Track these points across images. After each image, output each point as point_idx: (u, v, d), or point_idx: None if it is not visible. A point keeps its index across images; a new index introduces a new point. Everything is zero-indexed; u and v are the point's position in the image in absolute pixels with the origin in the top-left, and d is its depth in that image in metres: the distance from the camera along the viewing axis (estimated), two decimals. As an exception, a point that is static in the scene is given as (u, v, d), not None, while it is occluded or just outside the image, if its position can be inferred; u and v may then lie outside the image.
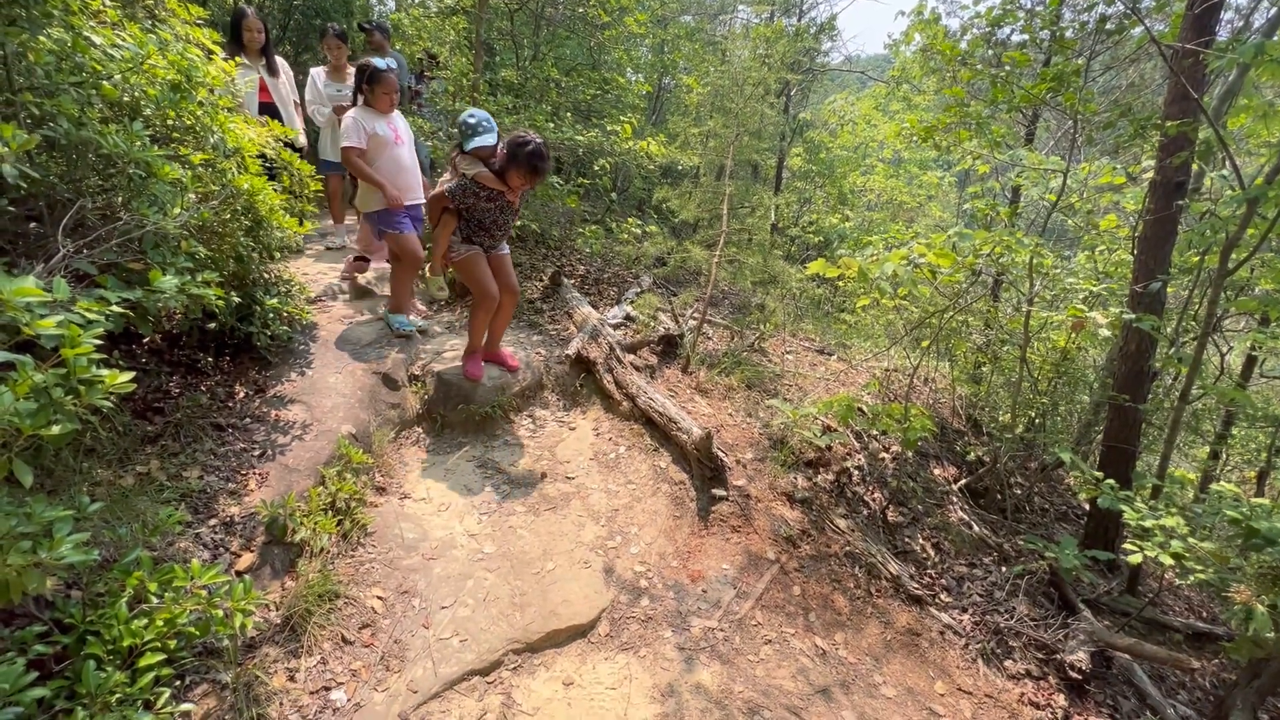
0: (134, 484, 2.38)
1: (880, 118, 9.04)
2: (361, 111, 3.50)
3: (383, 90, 3.50)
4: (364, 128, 3.45)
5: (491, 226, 3.25)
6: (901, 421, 3.08)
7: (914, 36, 5.47)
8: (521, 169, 3.00)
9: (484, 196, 3.12)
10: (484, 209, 3.17)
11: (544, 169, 3.02)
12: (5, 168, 1.55)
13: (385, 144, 3.54)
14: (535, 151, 2.97)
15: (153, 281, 2.01)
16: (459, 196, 3.12)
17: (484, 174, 3.07)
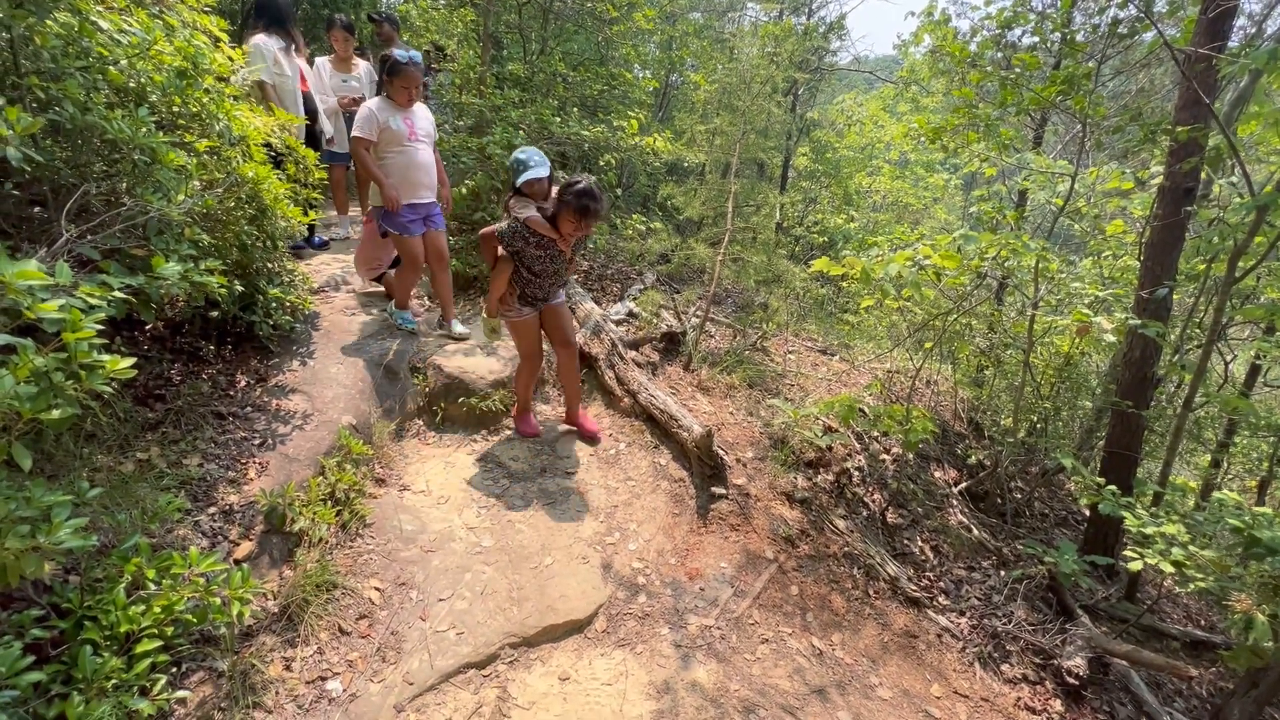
0: (134, 470, 2.38)
1: (888, 119, 9.01)
2: (380, 103, 3.39)
3: (401, 83, 3.36)
4: (377, 120, 3.35)
5: (542, 274, 3.00)
6: (903, 423, 3.07)
7: (923, 38, 5.45)
8: (571, 212, 2.72)
9: (533, 242, 2.87)
10: (533, 256, 2.92)
11: (595, 210, 2.71)
12: (10, 150, 1.54)
13: (398, 138, 3.42)
14: (585, 190, 2.68)
15: (155, 268, 2.01)
16: (509, 240, 2.89)
17: (535, 218, 2.82)
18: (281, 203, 3.00)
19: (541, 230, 2.83)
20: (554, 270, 3.03)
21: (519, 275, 3.02)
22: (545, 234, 2.84)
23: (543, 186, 2.92)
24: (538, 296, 3.11)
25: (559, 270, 3.06)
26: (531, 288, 3.06)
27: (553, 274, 3.04)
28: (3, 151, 1.54)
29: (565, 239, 2.88)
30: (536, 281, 3.04)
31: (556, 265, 3.01)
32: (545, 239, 2.87)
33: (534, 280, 3.03)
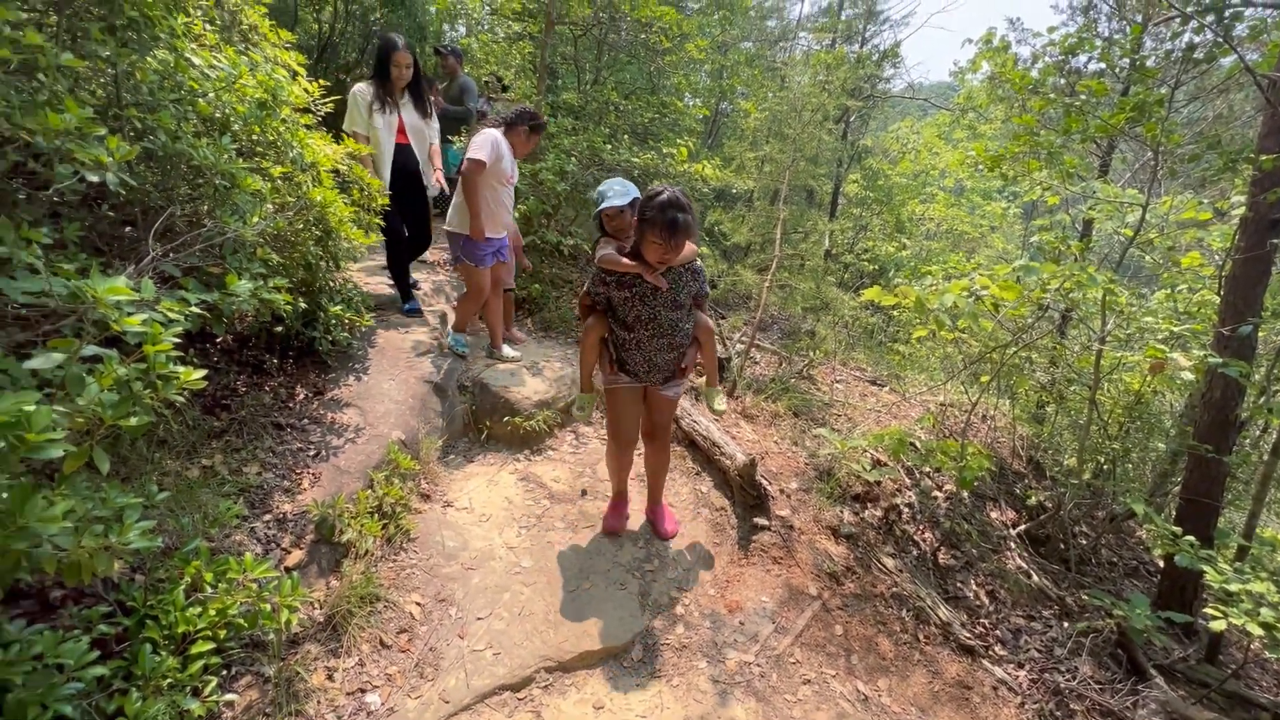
0: (199, 476, 2.50)
1: (943, 145, 8.84)
2: (503, 140, 3.46)
3: (534, 139, 3.57)
4: (497, 150, 3.39)
5: (636, 325, 2.39)
6: (957, 459, 2.94)
7: (981, 64, 5.34)
8: (655, 231, 2.13)
9: (613, 283, 2.37)
10: (620, 300, 2.38)
11: (683, 224, 2.13)
12: (109, 176, 1.67)
13: (501, 176, 3.50)
14: (669, 201, 2.12)
15: (229, 285, 2.13)
16: (591, 291, 2.47)
17: (608, 255, 2.33)
18: (345, 225, 3.15)
19: (618, 267, 2.31)
20: (653, 318, 2.38)
21: (615, 334, 2.51)
22: (625, 269, 2.31)
23: (624, 219, 2.47)
24: (640, 366, 2.50)
25: (660, 318, 2.38)
26: (630, 352, 2.48)
27: (653, 322, 2.39)
28: (102, 177, 1.67)
29: (651, 269, 2.28)
30: (633, 339, 2.44)
31: (655, 310, 2.36)
32: (629, 277, 2.34)
33: (630, 338, 2.44)
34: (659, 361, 2.49)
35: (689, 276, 2.42)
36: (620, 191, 2.47)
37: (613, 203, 2.44)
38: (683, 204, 2.16)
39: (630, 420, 2.64)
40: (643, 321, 2.40)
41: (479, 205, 3.40)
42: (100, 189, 1.96)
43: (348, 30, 8.46)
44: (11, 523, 1.19)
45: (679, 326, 2.44)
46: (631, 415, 2.63)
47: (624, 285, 2.37)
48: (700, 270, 2.47)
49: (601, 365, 2.59)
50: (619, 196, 2.45)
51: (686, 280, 2.41)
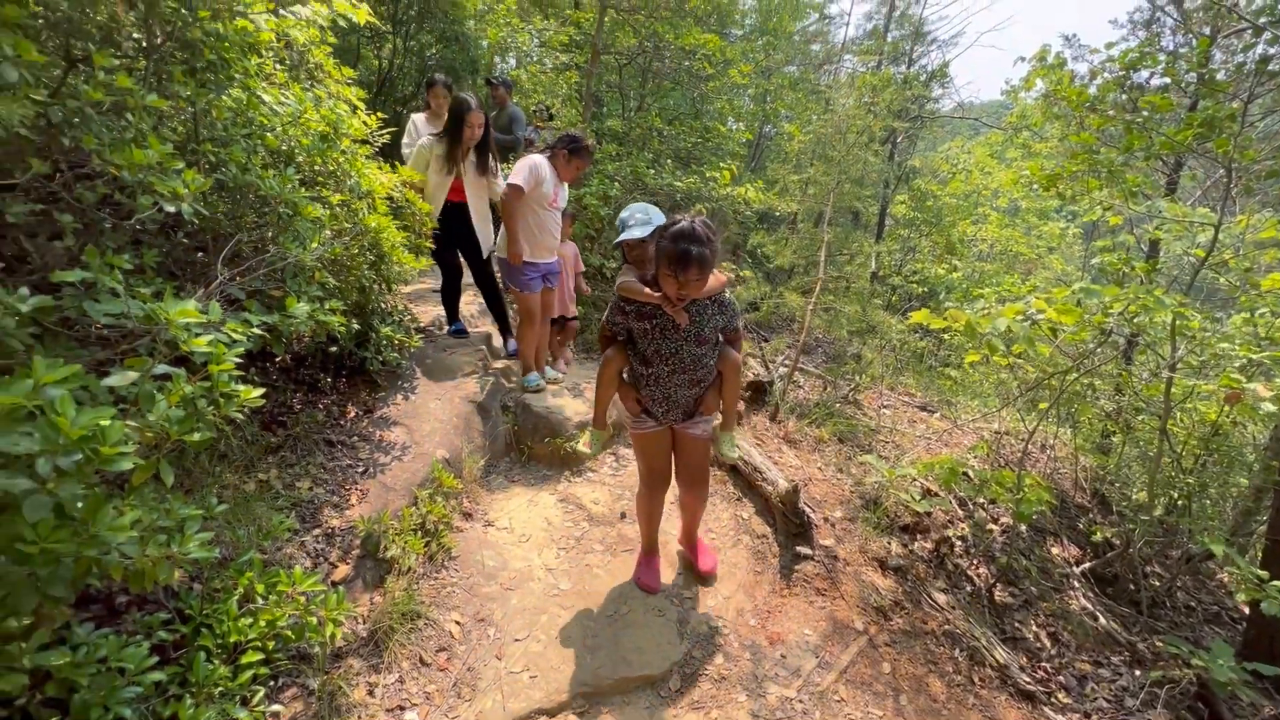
0: (255, 489, 2.61)
1: (995, 165, 8.59)
2: (544, 164, 3.47)
3: (577, 163, 3.53)
4: (536, 175, 3.41)
5: (656, 360, 2.24)
6: (1014, 491, 2.80)
7: (1035, 82, 5.20)
8: (667, 263, 1.99)
9: (632, 313, 2.23)
10: (640, 332, 2.25)
11: (696, 256, 1.95)
12: (184, 207, 1.79)
13: (542, 200, 3.52)
14: (683, 232, 1.97)
15: (289, 307, 2.23)
16: (610, 320, 2.32)
17: (627, 283, 2.21)
18: (397, 250, 3.27)
19: (638, 296, 2.17)
20: (673, 353, 2.22)
21: (634, 371, 2.36)
22: (645, 299, 2.17)
23: (645, 249, 2.28)
24: (659, 404, 2.35)
25: (682, 353, 2.22)
26: (649, 388, 2.33)
27: (673, 357, 2.23)
28: (178, 207, 1.79)
29: (671, 301, 2.11)
30: (652, 374, 2.29)
31: (676, 345, 2.21)
32: (649, 308, 2.20)
33: (649, 373, 2.29)
34: (679, 398, 2.34)
35: (715, 310, 2.24)
36: (642, 221, 2.28)
37: (632, 234, 2.25)
38: (698, 235, 1.97)
39: (659, 463, 2.51)
40: (663, 356, 2.24)
41: (517, 230, 3.48)
42: (176, 218, 2.10)
43: (405, 65, 8.90)
44: (84, 531, 1.26)
45: (702, 362, 2.28)
46: (660, 459, 2.50)
47: (644, 316, 2.22)
48: (729, 303, 2.30)
49: (626, 404, 2.43)
50: (640, 226, 2.26)
51: (712, 314, 2.23)
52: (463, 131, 3.69)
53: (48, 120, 1.76)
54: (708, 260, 1.99)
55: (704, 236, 1.99)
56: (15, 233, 1.98)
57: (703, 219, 2.03)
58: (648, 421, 2.42)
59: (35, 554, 1.18)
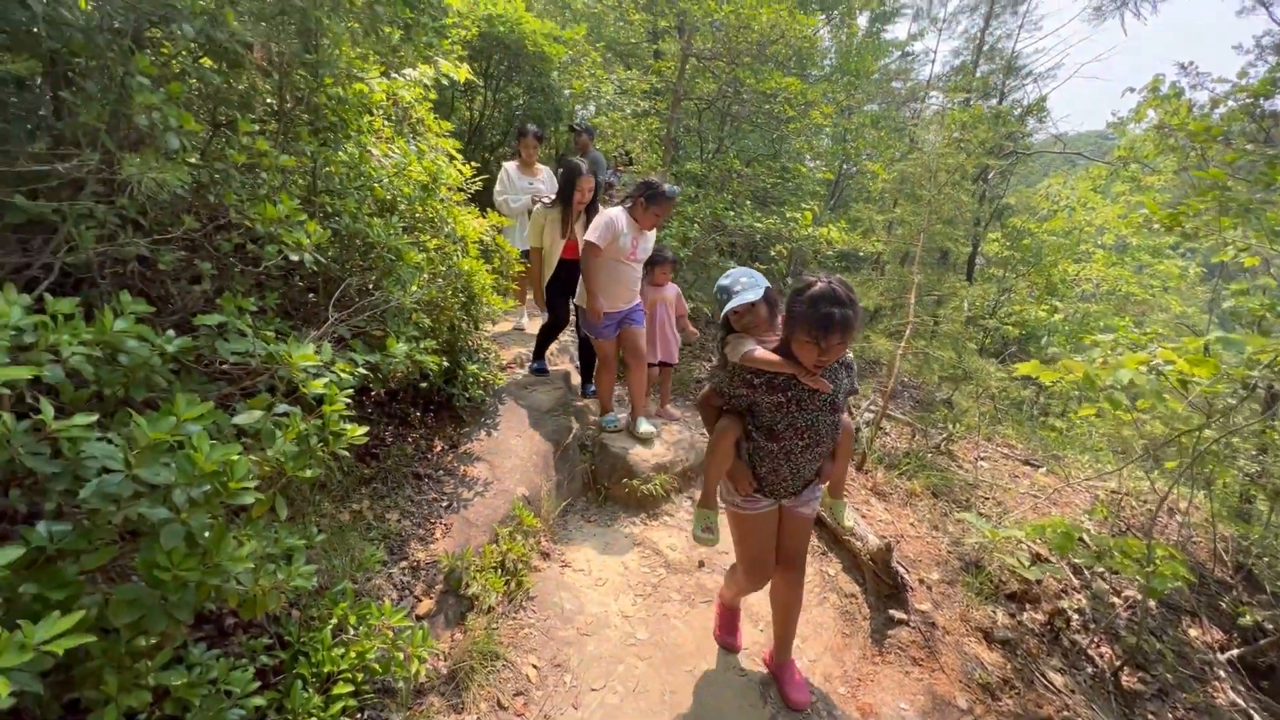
0: (349, 520, 2.72)
1: (1099, 199, 8.03)
2: (622, 216, 3.46)
3: (656, 210, 3.45)
4: (613, 231, 3.43)
5: (788, 434, 2.01)
6: (1142, 562, 2.50)
7: (1146, 113, 4.86)
8: (806, 330, 1.80)
9: (762, 385, 1.99)
10: (770, 405, 2.00)
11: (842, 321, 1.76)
12: (306, 256, 1.94)
13: (620, 254, 3.52)
14: (824, 294, 1.78)
15: (389, 348, 2.36)
16: (725, 389, 2.09)
17: (756, 353, 1.97)
18: (487, 291, 3.41)
19: (771, 366, 1.95)
20: (809, 426, 2.00)
21: (755, 444, 2.08)
22: (779, 370, 1.95)
23: (757, 315, 2.09)
24: (783, 481, 2.10)
25: (818, 427, 2.01)
26: (774, 464, 2.07)
27: (807, 433, 2.00)
28: (301, 256, 1.94)
29: (808, 370, 1.89)
30: (780, 449, 2.04)
31: (813, 417, 1.99)
32: (781, 378, 1.97)
33: (775, 448, 2.04)
34: (806, 474, 2.11)
35: (843, 371, 2.06)
36: (750, 284, 2.07)
37: (744, 298, 2.02)
38: (839, 297, 1.77)
39: (769, 550, 2.22)
40: (797, 429, 2.00)
41: (595, 285, 3.51)
42: (296, 264, 2.28)
43: (494, 115, 9.48)
44: (209, 559, 1.34)
45: (834, 432, 2.08)
46: (770, 544, 2.22)
47: (776, 388, 1.97)
48: (852, 362, 2.13)
49: (738, 484, 2.14)
50: (749, 290, 2.04)
51: (842, 377, 2.05)
52: (574, 196, 3.89)
53: (197, 180, 1.97)
54: (851, 324, 1.79)
55: (846, 298, 1.79)
56: (163, 278, 2.20)
57: (839, 279, 1.84)
58: (760, 501, 2.14)
59: (168, 580, 1.26)
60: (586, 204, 3.94)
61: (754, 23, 4.71)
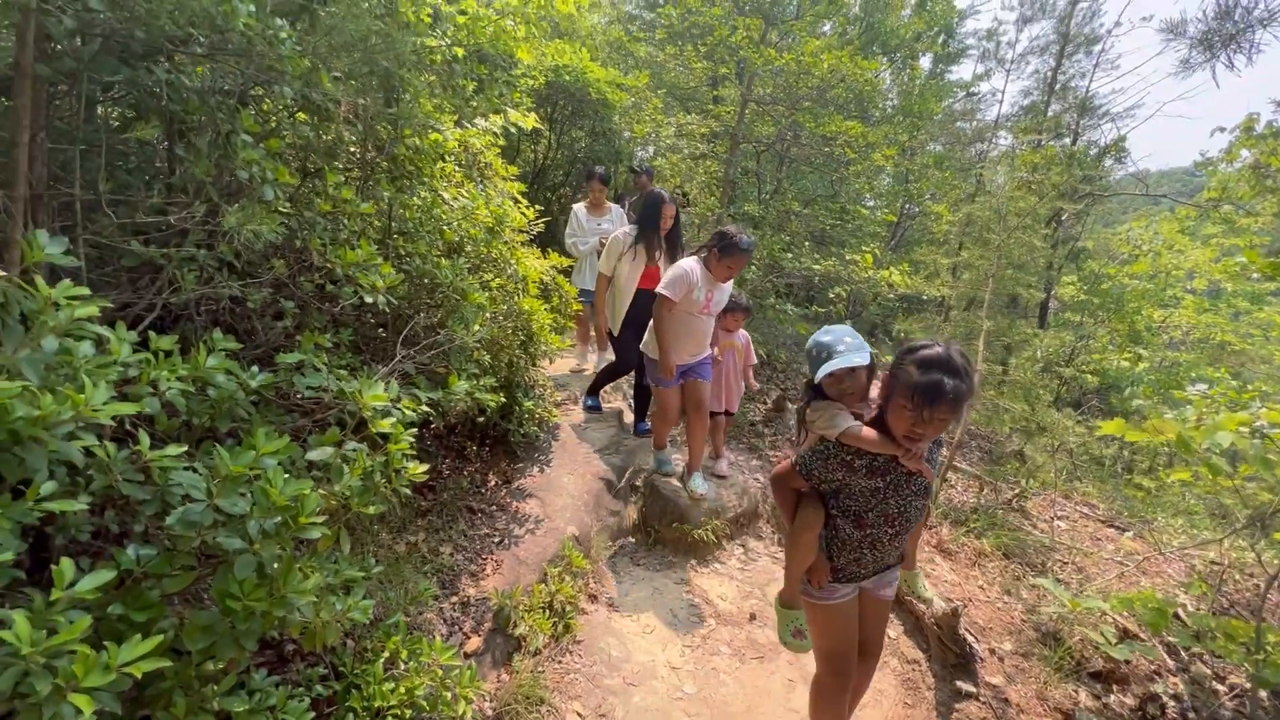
0: (404, 550, 2.79)
1: (1186, 242, 7.53)
2: (695, 268, 3.27)
3: (729, 263, 3.23)
4: (686, 284, 3.24)
5: (879, 522, 1.76)
6: (1250, 647, 2.24)
7: (1240, 153, 4.58)
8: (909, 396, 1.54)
9: (862, 468, 1.70)
10: (864, 489, 1.74)
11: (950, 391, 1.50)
12: (380, 299, 2.05)
13: (693, 307, 3.31)
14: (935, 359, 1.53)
15: (451, 385, 2.43)
16: (815, 470, 1.78)
17: (855, 430, 1.69)
18: (545, 330, 3.49)
19: (874, 447, 1.67)
20: (900, 512, 1.76)
21: (836, 531, 1.83)
22: (886, 451, 1.66)
23: (858, 381, 1.82)
24: (865, 568, 1.87)
25: (909, 513, 1.78)
26: (858, 552, 1.83)
27: (899, 519, 1.77)
28: (375, 299, 2.05)
29: (911, 450, 1.63)
30: (867, 538, 1.79)
31: (906, 501, 1.76)
32: (881, 460, 1.69)
33: (861, 536, 1.79)
34: (889, 559, 1.91)
35: (934, 446, 1.82)
36: (854, 346, 1.80)
37: (848, 360, 1.75)
38: (956, 367, 1.52)
39: (853, 641, 1.95)
40: (888, 517, 1.75)
41: (667, 340, 3.34)
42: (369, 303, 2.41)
43: (557, 157, 9.87)
44: (277, 590, 1.39)
45: (921, 515, 1.86)
46: (854, 634, 1.95)
47: (876, 472, 1.70)
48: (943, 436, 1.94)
49: (813, 574, 1.89)
50: (855, 352, 1.77)
51: (934, 453, 1.82)
52: (659, 222, 3.85)
53: (287, 226, 2.13)
54: (963, 398, 1.54)
55: (962, 368, 1.54)
56: (250, 314, 2.36)
57: (958, 346, 1.59)
58: (839, 590, 1.89)
59: (239, 609, 1.31)
60: (668, 231, 3.90)
61: (815, 69, 4.76)
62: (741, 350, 4.05)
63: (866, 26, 8.96)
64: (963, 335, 4.05)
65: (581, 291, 4.86)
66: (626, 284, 3.97)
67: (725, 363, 3.94)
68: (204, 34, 1.83)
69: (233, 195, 2.09)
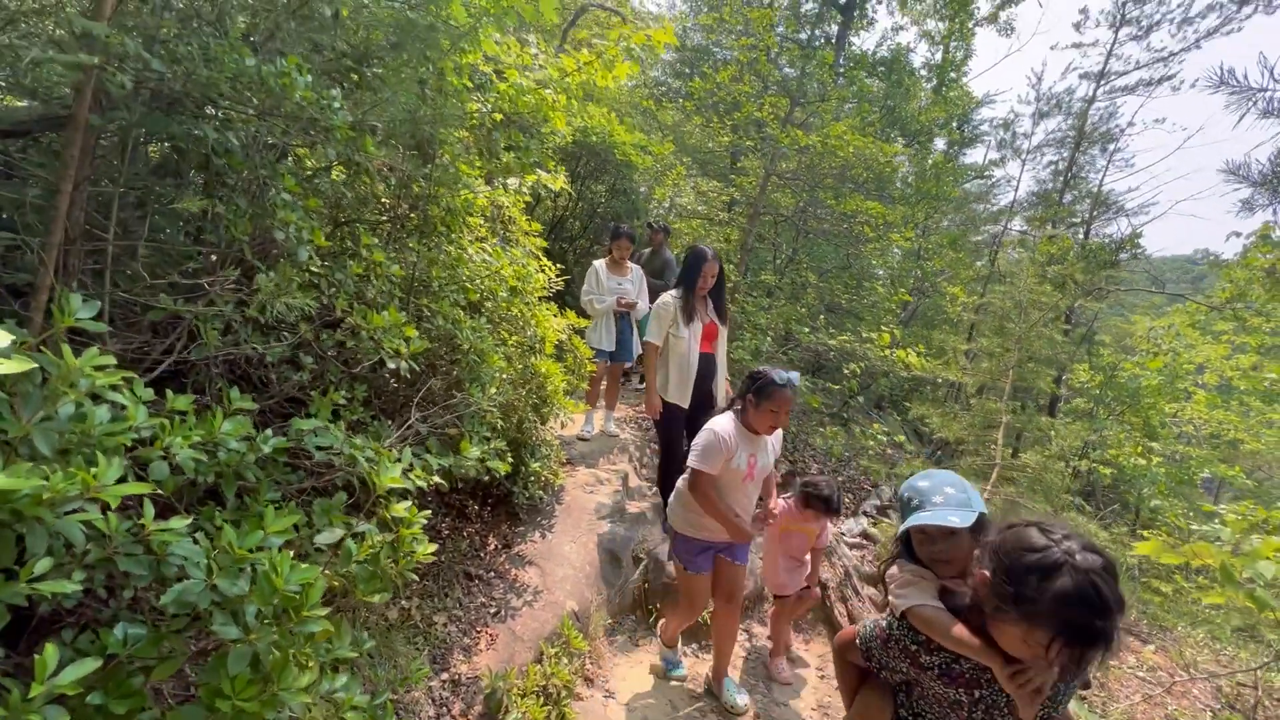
0: (398, 619, 2.66)
1: (1197, 336, 7.55)
2: (731, 426, 2.55)
3: (770, 407, 2.46)
4: (722, 453, 2.51)
5: None
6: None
7: (1257, 258, 4.63)
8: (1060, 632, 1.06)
9: (936, 669, 1.31)
10: (939, 698, 1.35)
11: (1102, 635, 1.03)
12: (403, 364, 2.01)
13: (734, 478, 2.59)
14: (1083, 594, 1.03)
15: (463, 450, 2.38)
16: (874, 651, 1.43)
17: (924, 613, 1.32)
18: (559, 395, 3.45)
19: (960, 648, 1.25)
20: None
21: None
22: (971, 656, 1.24)
23: (959, 547, 1.41)
24: None
25: None
26: None
27: None
28: (398, 364, 2.02)
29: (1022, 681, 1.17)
30: None
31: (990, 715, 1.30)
32: (969, 666, 1.28)
33: None
34: None
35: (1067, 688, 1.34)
36: (956, 500, 1.42)
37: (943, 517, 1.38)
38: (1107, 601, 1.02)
39: None
40: None
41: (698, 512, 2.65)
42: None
43: (577, 208, 10.07)
44: (269, 688, 1.29)
45: None
46: None
47: (956, 679, 1.29)
48: None
49: None
50: (955, 509, 1.40)
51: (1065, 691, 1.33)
52: (697, 282, 3.54)
53: (317, 288, 2.12)
54: (1113, 639, 1.05)
55: (1114, 598, 1.04)
56: (268, 365, 2.33)
57: (1104, 559, 1.08)
58: None
59: (229, 711, 1.22)
60: (709, 290, 3.61)
61: (840, 150, 4.88)
62: (813, 537, 3.14)
63: (887, 110, 9.29)
64: (980, 425, 4.01)
65: (597, 352, 4.73)
66: (689, 349, 3.53)
67: (793, 545, 3.16)
68: (258, 96, 1.87)
69: (266, 252, 2.09)
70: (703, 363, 3.62)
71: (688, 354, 3.55)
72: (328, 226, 2.64)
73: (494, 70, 3.21)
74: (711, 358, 3.65)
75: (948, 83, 11.22)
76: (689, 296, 3.56)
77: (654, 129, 9.83)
